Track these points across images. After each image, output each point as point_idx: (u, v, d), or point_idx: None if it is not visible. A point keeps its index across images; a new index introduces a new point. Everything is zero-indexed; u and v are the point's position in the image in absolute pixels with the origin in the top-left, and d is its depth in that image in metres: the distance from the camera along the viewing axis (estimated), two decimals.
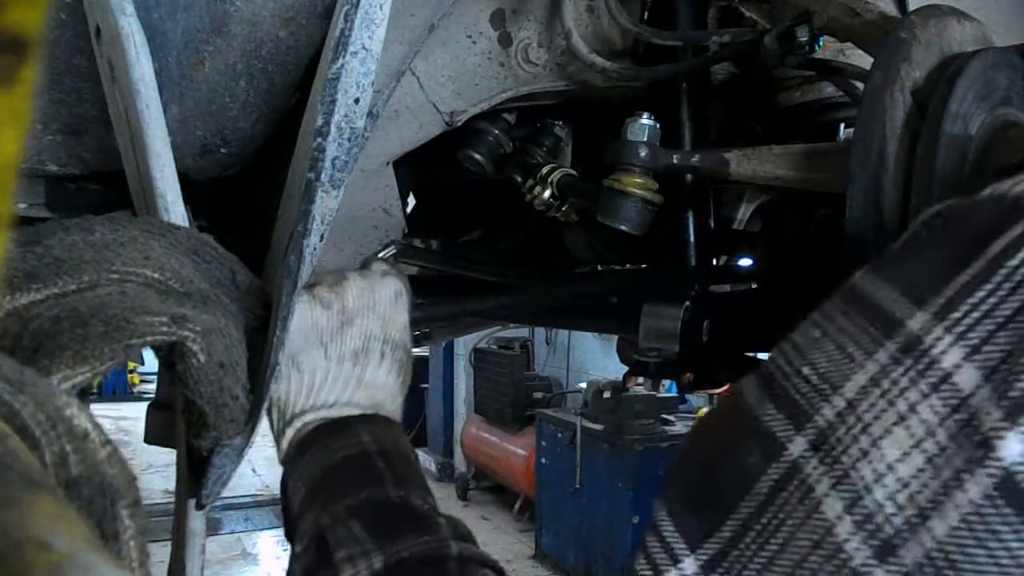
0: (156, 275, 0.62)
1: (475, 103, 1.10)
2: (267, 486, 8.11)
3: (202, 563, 0.90)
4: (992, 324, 0.41)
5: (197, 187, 0.90)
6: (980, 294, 0.42)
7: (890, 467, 0.42)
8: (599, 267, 1.39)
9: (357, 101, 0.74)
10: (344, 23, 0.73)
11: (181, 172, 0.76)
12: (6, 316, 0.54)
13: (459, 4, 1.04)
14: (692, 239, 1.10)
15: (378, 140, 1.06)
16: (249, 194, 0.99)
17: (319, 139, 0.73)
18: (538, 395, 6.92)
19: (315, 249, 0.76)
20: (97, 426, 0.44)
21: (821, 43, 0.95)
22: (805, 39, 0.93)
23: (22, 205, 0.90)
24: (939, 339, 0.42)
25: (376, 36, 0.74)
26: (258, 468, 8.62)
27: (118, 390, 12.11)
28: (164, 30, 0.78)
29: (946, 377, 0.42)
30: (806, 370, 0.46)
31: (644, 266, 1.30)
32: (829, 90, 1.12)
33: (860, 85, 1.02)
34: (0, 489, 0.30)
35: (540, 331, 7.71)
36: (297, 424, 0.76)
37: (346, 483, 0.71)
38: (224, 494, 0.80)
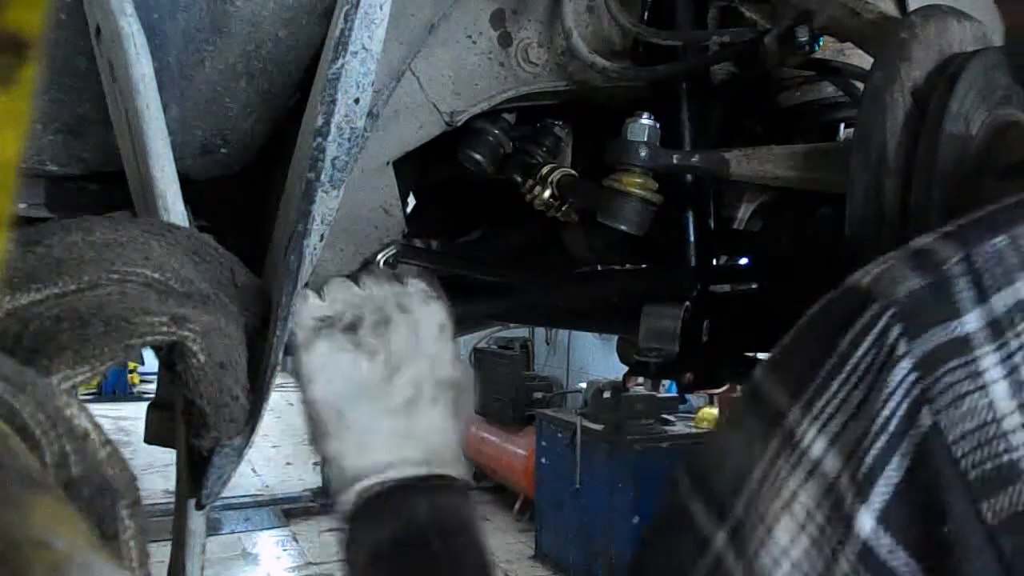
0: (156, 275, 0.62)
1: (475, 103, 1.10)
2: (267, 486, 8.11)
3: (202, 563, 0.90)
4: (846, 413, 0.47)
5: (197, 187, 0.90)
6: (834, 386, 0.48)
7: (784, 551, 0.47)
8: (599, 267, 1.39)
9: (357, 101, 0.74)
10: (344, 23, 0.73)
11: (181, 172, 0.76)
12: (6, 316, 0.54)
13: (459, 4, 1.04)
14: (692, 239, 1.10)
15: (378, 140, 1.06)
16: (249, 194, 0.99)
17: (319, 139, 0.73)
18: (538, 395, 6.91)
19: (315, 249, 0.76)
20: (97, 426, 0.44)
21: (821, 43, 0.95)
22: (805, 39, 0.92)
23: (22, 205, 0.90)
24: (807, 431, 0.48)
25: (376, 36, 0.74)
26: (258, 468, 8.62)
27: (118, 390, 12.10)
28: (164, 30, 0.78)
29: (816, 464, 0.47)
30: (721, 471, 0.52)
31: (644, 266, 1.30)
32: (829, 90, 1.12)
33: (860, 85, 1.02)
34: (0, 489, 0.30)
35: (540, 331, 7.70)
36: (353, 489, 0.73)
37: (400, 570, 0.69)
38: (224, 494, 0.80)
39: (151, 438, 0.93)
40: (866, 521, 0.45)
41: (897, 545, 0.45)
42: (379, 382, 0.76)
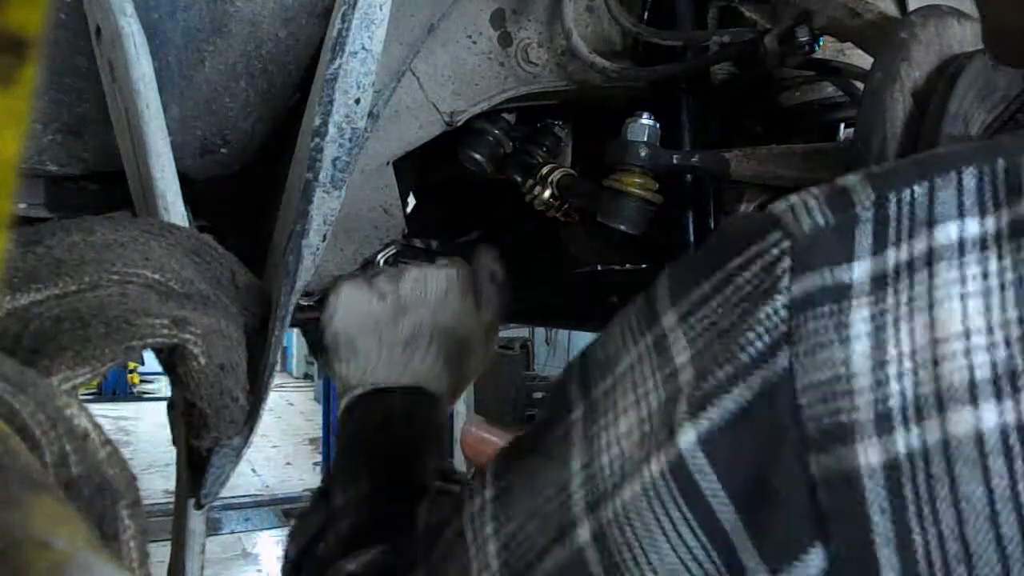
0: (157, 276, 0.62)
1: (475, 103, 1.10)
2: (267, 486, 8.10)
3: (202, 563, 0.90)
4: (715, 332, 0.47)
5: (197, 187, 0.90)
6: (712, 304, 0.47)
7: (618, 439, 0.49)
8: (599, 267, 1.39)
9: (358, 101, 0.74)
10: (341, 23, 0.73)
11: (181, 172, 0.76)
12: (6, 316, 0.54)
13: (459, 4, 1.04)
14: (692, 239, 1.10)
15: (378, 140, 1.06)
16: (249, 194, 0.99)
17: (317, 139, 0.73)
18: (538, 395, 6.91)
19: (317, 249, 0.76)
20: (97, 426, 0.44)
21: (821, 43, 0.95)
22: (805, 39, 0.92)
23: (22, 205, 0.90)
24: (678, 339, 0.48)
25: (376, 36, 0.74)
26: (258, 468, 8.62)
27: (118, 390, 12.11)
28: (164, 30, 0.78)
29: (674, 373, 0.48)
30: (600, 353, 0.54)
31: (644, 266, 1.30)
32: (829, 90, 1.12)
33: (860, 85, 1.02)
34: (0, 489, 0.30)
35: (540, 331, 7.70)
36: (349, 395, 0.87)
37: (366, 442, 0.83)
38: (224, 494, 0.81)
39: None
40: (688, 435, 0.45)
41: (712, 472, 0.45)
42: (386, 320, 0.88)
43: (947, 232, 0.43)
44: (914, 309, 0.43)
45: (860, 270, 0.44)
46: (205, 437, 0.66)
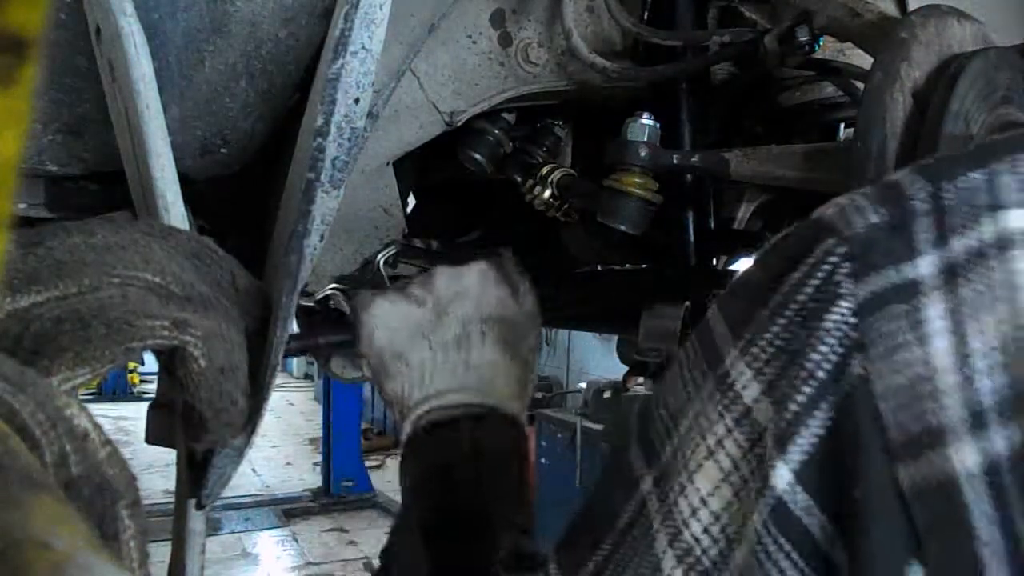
0: (157, 279, 0.62)
1: (475, 103, 1.10)
2: (267, 486, 8.10)
3: (202, 563, 0.90)
4: (784, 358, 0.43)
5: (197, 187, 0.90)
6: (775, 329, 0.44)
7: (703, 501, 0.44)
8: (599, 267, 1.39)
9: (357, 101, 0.74)
10: (344, 23, 0.73)
11: (181, 172, 0.76)
12: (7, 317, 0.54)
13: (459, 4, 1.04)
14: (692, 239, 1.10)
15: (378, 140, 1.06)
16: (249, 194, 0.99)
17: (319, 139, 0.73)
18: (538, 395, 6.91)
19: (315, 249, 0.76)
20: (97, 426, 0.44)
21: (821, 43, 0.95)
22: (805, 39, 0.92)
23: (22, 205, 0.90)
24: (741, 373, 0.44)
25: (376, 36, 0.74)
26: (258, 468, 8.62)
27: (118, 390, 12.11)
28: (164, 30, 0.78)
29: (747, 412, 0.44)
30: (662, 410, 0.49)
31: (644, 266, 1.30)
32: (829, 90, 1.12)
33: (860, 85, 1.02)
34: (0, 489, 0.30)
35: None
36: (412, 416, 0.78)
37: (426, 497, 0.74)
38: (224, 494, 0.80)
39: (151, 438, 0.93)
40: (783, 475, 0.41)
41: (813, 504, 0.41)
42: (430, 323, 0.82)
43: (1018, 217, 0.41)
44: (994, 299, 0.40)
45: (927, 264, 0.41)
46: (203, 440, 0.66)
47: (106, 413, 9.42)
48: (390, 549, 0.76)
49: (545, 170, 1.14)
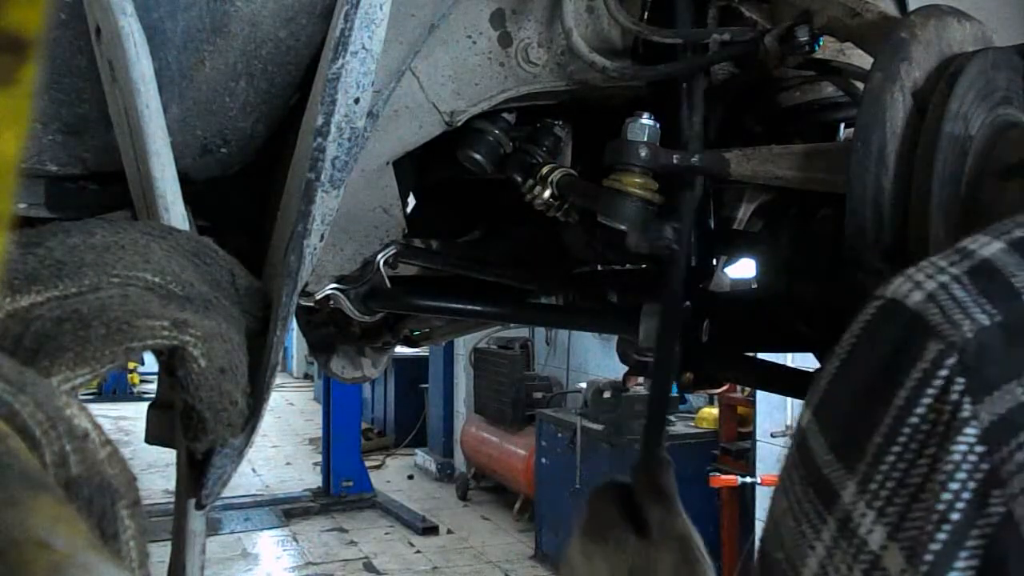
0: (157, 279, 0.62)
1: (475, 103, 1.10)
2: (267, 486, 8.11)
3: (202, 563, 0.89)
4: (907, 495, 0.39)
5: (197, 187, 0.90)
6: (890, 459, 0.40)
7: None
8: (599, 267, 1.39)
9: (357, 101, 0.74)
10: (344, 23, 0.73)
11: (181, 172, 0.76)
12: (7, 317, 0.54)
13: (459, 4, 1.04)
14: (692, 239, 1.10)
15: (378, 140, 1.06)
16: (249, 194, 0.99)
17: (319, 139, 0.73)
18: (538, 395, 6.91)
19: (315, 249, 0.76)
20: (97, 426, 0.44)
21: (821, 43, 0.95)
22: (805, 39, 0.92)
23: (22, 205, 0.90)
24: (864, 516, 0.40)
25: (376, 36, 0.74)
26: (258, 468, 8.62)
27: (118, 390, 12.11)
28: (164, 30, 0.78)
29: (876, 562, 0.39)
30: (779, 553, 0.45)
31: (644, 266, 1.30)
32: (829, 90, 1.12)
33: (860, 85, 1.02)
34: (0, 489, 0.30)
35: (540, 331, 7.70)
36: None
37: None
38: (224, 494, 0.80)
39: (151, 438, 0.93)
40: None
41: None
42: None
43: None
44: None
45: None
46: (202, 440, 0.66)
47: (106, 413, 9.42)
48: None
49: (545, 170, 1.14)
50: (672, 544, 0.76)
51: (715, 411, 5.41)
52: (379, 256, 1.11)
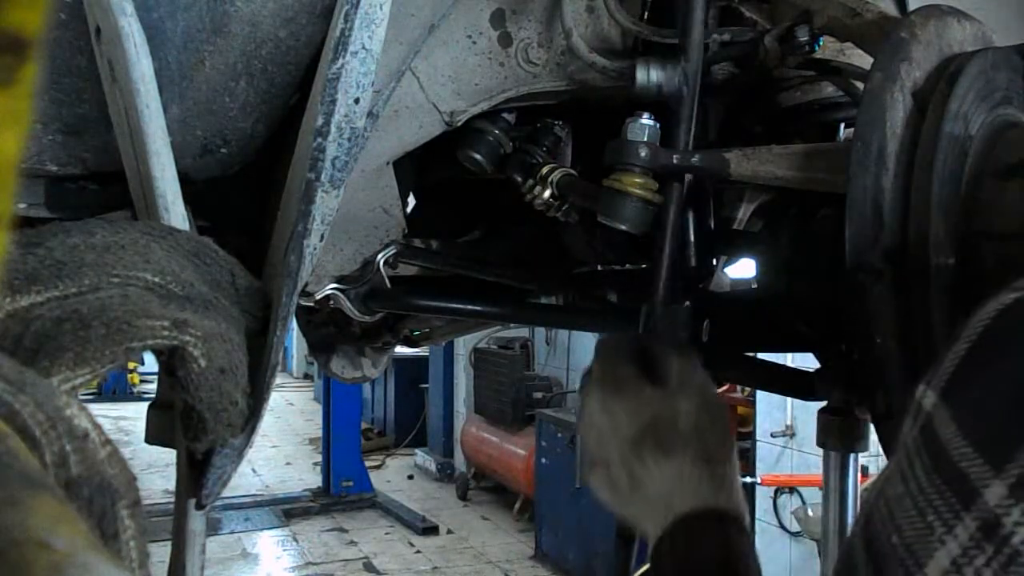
0: (157, 279, 0.62)
1: (475, 103, 1.10)
2: (267, 486, 8.11)
3: (202, 563, 0.89)
4: None
5: (197, 187, 0.90)
6: None
7: None
8: (599, 267, 1.39)
9: (357, 101, 0.74)
10: (344, 23, 0.73)
11: (181, 172, 0.76)
12: (7, 317, 0.54)
13: (459, 4, 1.04)
14: (692, 239, 1.10)
15: (378, 140, 1.06)
16: (249, 194, 0.99)
17: (319, 139, 0.73)
18: (538, 395, 6.91)
19: (315, 249, 0.76)
20: (97, 426, 0.44)
21: (821, 43, 0.95)
22: (805, 39, 0.92)
23: (22, 205, 0.90)
24: (1018, 524, 0.37)
25: (376, 36, 0.74)
26: (258, 468, 8.62)
27: (118, 390, 12.11)
28: (164, 30, 0.78)
29: None
30: (895, 538, 0.42)
31: (644, 266, 1.30)
32: (829, 90, 1.12)
33: (860, 85, 1.02)
34: (0, 489, 0.30)
35: (540, 331, 7.70)
36: (659, 522, 0.74)
37: None
38: (224, 494, 0.80)
39: (151, 438, 0.93)
40: None
41: None
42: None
43: None
44: None
45: None
46: (202, 440, 0.66)
47: (106, 413, 9.42)
48: None
49: (545, 170, 1.14)
50: (691, 392, 0.80)
51: None
52: (379, 256, 1.11)
